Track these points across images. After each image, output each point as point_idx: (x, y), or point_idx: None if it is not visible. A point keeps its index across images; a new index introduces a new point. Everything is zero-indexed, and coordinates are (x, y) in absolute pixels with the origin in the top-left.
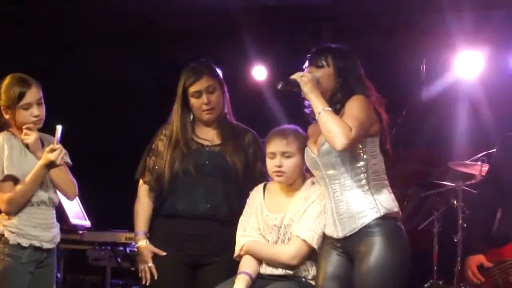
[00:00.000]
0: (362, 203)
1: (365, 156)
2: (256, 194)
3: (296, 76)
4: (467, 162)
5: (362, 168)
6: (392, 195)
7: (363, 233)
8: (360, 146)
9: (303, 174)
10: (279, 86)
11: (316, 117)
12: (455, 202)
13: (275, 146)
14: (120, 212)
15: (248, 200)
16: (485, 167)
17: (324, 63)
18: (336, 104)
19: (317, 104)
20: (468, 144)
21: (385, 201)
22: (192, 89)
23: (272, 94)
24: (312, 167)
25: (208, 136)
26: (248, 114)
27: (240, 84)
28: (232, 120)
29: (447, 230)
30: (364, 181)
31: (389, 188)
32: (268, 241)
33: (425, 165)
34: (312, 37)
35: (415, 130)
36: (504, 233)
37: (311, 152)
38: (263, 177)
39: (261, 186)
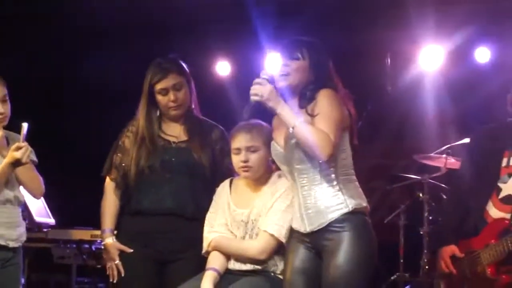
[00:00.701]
0: (330, 198)
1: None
2: (222, 190)
3: (253, 97)
4: (432, 155)
5: (331, 163)
6: (360, 190)
7: (331, 228)
8: None
9: (269, 167)
10: (245, 115)
11: (290, 131)
12: (420, 195)
13: (239, 141)
14: (85, 210)
15: (214, 196)
16: (450, 160)
17: (299, 55)
18: (306, 98)
19: (287, 118)
20: (433, 137)
21: (353, 196)
22: (158, 86)
23: (235, 90)
24: (279, 161)
25: (175, 132)
26: (211, 110)
27: (203, 80)
28: (199, 115)
29: (413, 223)
30: (332, 176)
31: (357, 182)
32: (236, 237)
33: (390, 159)
34: (277, 32)
35: (380, 124)
36: (474, 224)
37: (277, 146)
38: (230, 173)
39: (227, 181)
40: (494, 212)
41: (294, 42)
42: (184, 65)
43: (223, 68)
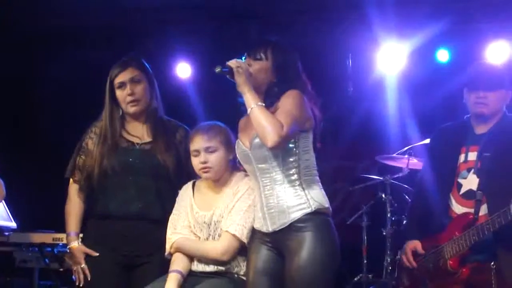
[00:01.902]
0: (293, 198)
1: (297, 151)
2: (185, 192)
3: (232, 64)
4: (394, 155)
5: (294, 163)
6: (323, 191)
7: (294, 228)
8: (293, 141)
9: (230, 168)
10: (217, 70)
11: (248, 112)
12: (383, 196)
13: (197, 143)
14: (47, 212)
15: (177, 199)
16: (412, 160)
17: (262, 56)
18: (272, 98)
19: (249, 98)
20: (394, 138)
21: (316, 196)
22: (117, 81)
23: (196, 92)
24: (244, 160)
25: (138, 132)
26: (171, 114)
27: (163, 83)
28: (162, 115)
29: (376, 224)
30: (295, 176)
31: (320, 183)
32: (200, 239)
33: (352, 160)
34: (239, 34)
35: (341, 125)
36: (440, 221)
37: (242, 145)
38: (196, 174)
39: (190, 183)
40: (457, 208)
41: (259, 42)
42: (144, 61)
43: (183, 70)
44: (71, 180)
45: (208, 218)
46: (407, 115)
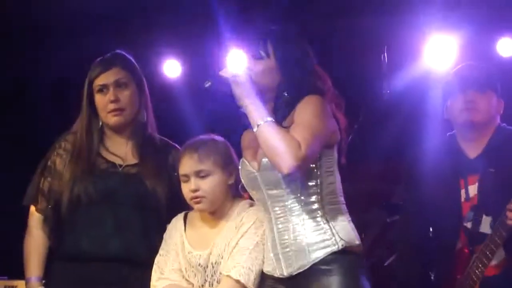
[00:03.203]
0: (314, 233)
1: (319, 173)
2: (175, 227)
3: (225, 73)
4: None
5: (315, 188)
6: (352, 224)
7: (316, 271)
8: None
9: (231, 196)
10: (207, 85)
11: (254, 131)
12: (430, 229)
13: (186, 166)
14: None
15: (165, 235)
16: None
17: (263, 53)
18: (283, 108)
19: (253, 113)
20: None
21: (343, 230)
22: (97, 83)
23: (187, 94)
24: (250, 185)
25: (121, 151)
26: (157, 120)
27: (148, 82)
28: (154, 132)
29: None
30: (317, 205)
31: (348, 214)
32: (193, 285)
33: (389, 182)
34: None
35: (374, 138)
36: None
37: (248, 165)
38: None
39: (180, 216)
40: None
41: (256, 35)
42: (133, 61)
43: (172, 68)
44: (32, 208)
45: (204, 259)
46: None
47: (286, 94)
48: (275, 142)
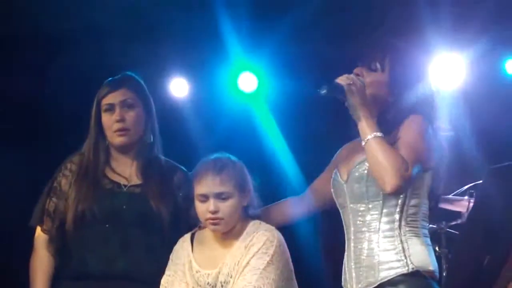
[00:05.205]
0: (388, 252)
1: (405, 193)
2: (182, 247)
3: (342, 81)
4: (450, 197)
5: (397, 208)
6: (431, 248)
7: None
8: None
9: (243, 217)
10: (323, 92)
11: (363, 144)
12: (437, 249)
13: (207, 186)
14: (2, 271)
15: (172, 256)
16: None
17: (378, 66)
18: (388, 124)
19: (365, 126)
20: (452, 172)
21: (417, 253)
22: (104, 102)
23: (194, 115)
24: (337, 194)
25: (125, 171)
26: (162, 139)
27: (154, 102)
28: (159, 154)
29: None
30: (396, 224)
31: (428, 240)
32: None
33: None
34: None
35: None
36: (489, 283)
37: (339, 176)
38: (197, 224)
39: (187, 236)
40: None
41: (375, 46)
42: (142, 83)
43: (179, 86)
44: (38, 229)
45: (213, 278)
46: (467, 142)
47: (394, 112)
48: (384, 158)
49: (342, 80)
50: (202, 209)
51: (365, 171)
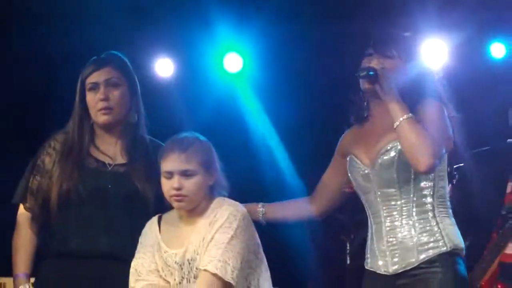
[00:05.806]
0: (424, 234)
1: (433, 176)
2: (150, 229)
3: (375, 65)
4: None
5: (428, 190)
6: (457, 228)
7: (422, 270)
8: None
9: (208, 195)
10: (362, 74)
11: (395, 125)
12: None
13: (172, 163)
14: None
15: (140, 239)
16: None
17: (394, 52)
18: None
19: (397, 108)
20: None
21: (451, 233)
22: (89, 81)
23: (180, 95)
24: (357, 179)
25: (110, 150)
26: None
27: (139, 82)
28: (144, 134)
29: None
30: (429, 206)
31: (454, 219)
32: (170, 284)
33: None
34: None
35: None
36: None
37: (360, 163)
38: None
39: (155, 218)
40: None
41: (388, 35)
42: (127, 62)
43: (164, 66)
44: (21, 207)
45: (180, 257)
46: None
47: (408, 99)
48: (417, 138)
49: (374, 64)
50: (167, 186)
51: (396, 157)
